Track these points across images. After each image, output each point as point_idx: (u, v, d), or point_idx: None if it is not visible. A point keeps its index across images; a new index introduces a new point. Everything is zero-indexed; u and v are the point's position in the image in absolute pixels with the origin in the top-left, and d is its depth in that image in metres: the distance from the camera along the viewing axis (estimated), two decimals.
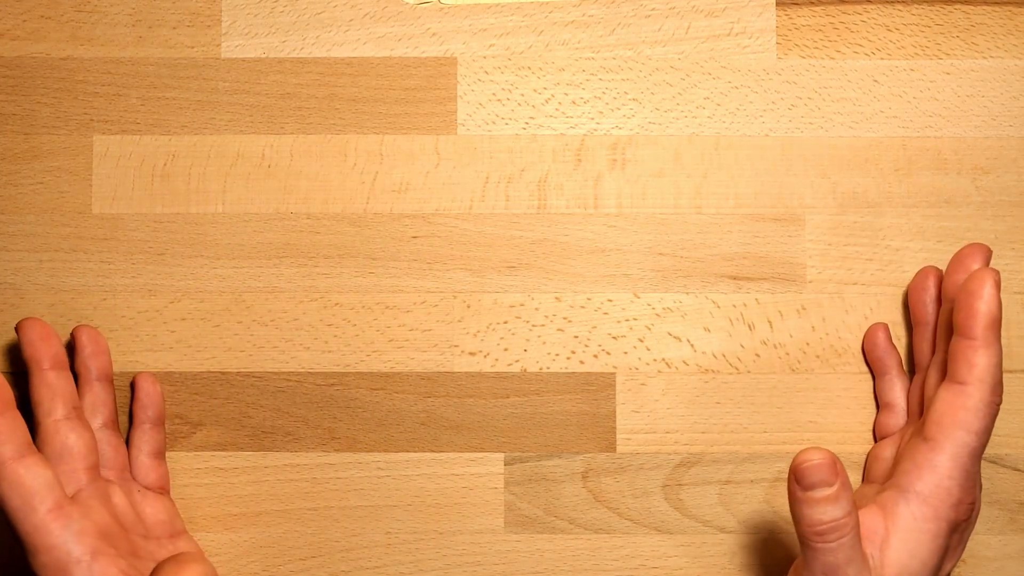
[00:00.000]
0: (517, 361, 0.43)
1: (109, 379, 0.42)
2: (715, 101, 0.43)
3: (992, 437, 0.42)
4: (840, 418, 0.43)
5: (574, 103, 0.44)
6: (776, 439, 0.43)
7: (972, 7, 0.44)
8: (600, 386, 0.43)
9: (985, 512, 0.42)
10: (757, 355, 0.43)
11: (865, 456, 0.42)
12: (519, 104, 0.44)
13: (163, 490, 0.42)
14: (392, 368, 0.43)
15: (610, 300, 0.43)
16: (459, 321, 0.43)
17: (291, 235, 0.43)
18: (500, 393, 0.43)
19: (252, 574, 0.42)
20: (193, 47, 0.44)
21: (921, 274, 0.42)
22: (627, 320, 0.43)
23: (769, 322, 0.43)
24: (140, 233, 0.43)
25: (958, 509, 0.36)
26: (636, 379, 0.43)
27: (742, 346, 0.43)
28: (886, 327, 0.42)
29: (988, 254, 0.40)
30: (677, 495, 0.43)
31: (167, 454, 0.43)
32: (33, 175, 0.43)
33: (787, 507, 0.42)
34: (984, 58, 0.44)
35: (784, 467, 0.43)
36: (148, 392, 0.42)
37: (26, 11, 0.44)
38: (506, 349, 0.43)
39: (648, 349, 0.43)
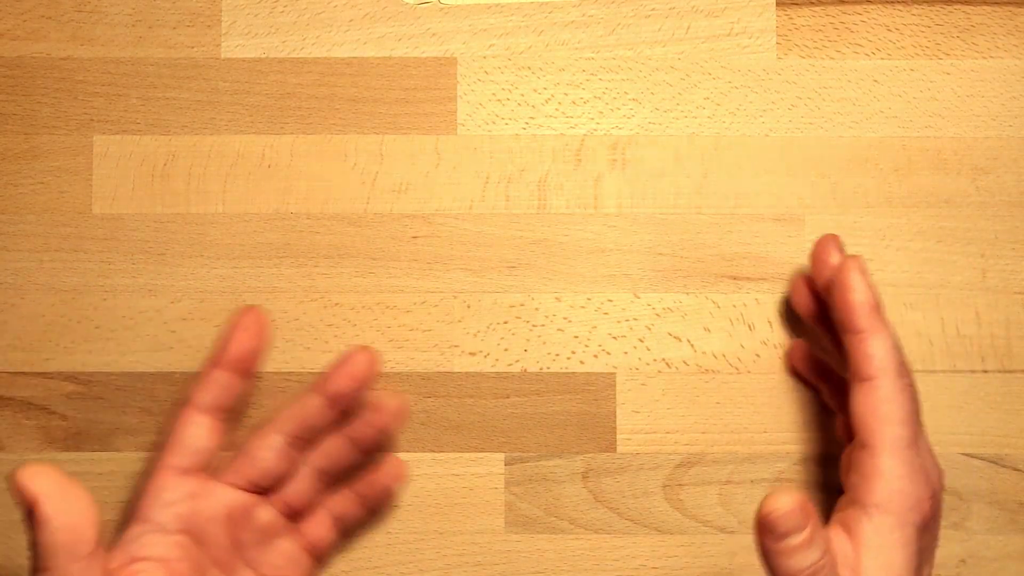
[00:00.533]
0: (517, 361, 0.43)
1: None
2: (715, 101, 0.43)
3: (992, 437, 0.43)
4: None
5: (574, 103, 0.44)
6: (776, 439, 0.43)
7: (972, 7, 0.44)
8: (600, 386, 0.43)
9: (985, 512, 0.42)
10: (757, 355, 0.43)
11: None
12: (519, 104, 0.44)
13: None
14: (392, 368, 0.43)
15: (610, 300, 0.43)
16: (459, 321, 0.43)
17: (291, 235, 0.43)
18: (500, 393, 0.43)
19: None
20: (193, 47, 0.44)
21: (794, 285, 0.41)
22: (627, 320, 0.43)
23: (769, 322, 0.43)
24: (140, 233, 0.43)
25: (920, 508, 0.35)
26: (636, 379, 0.43)
27: (742, 346, 0.43)
28: (803, 344, 0.42)
29: (839, 242, 0.39)
30: (677, 495, 0.43)
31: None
32: (33, 175, 0.43)
33: None
34: (984, 58, 0.44)
35: (785, 467, 0.43)
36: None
37: (26, 11, 0.44)
38: (506, 349, 0.43)
39: (648, 349, 0.43)
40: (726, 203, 0.43)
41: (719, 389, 0.43)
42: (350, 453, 0.40)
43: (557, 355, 0.43)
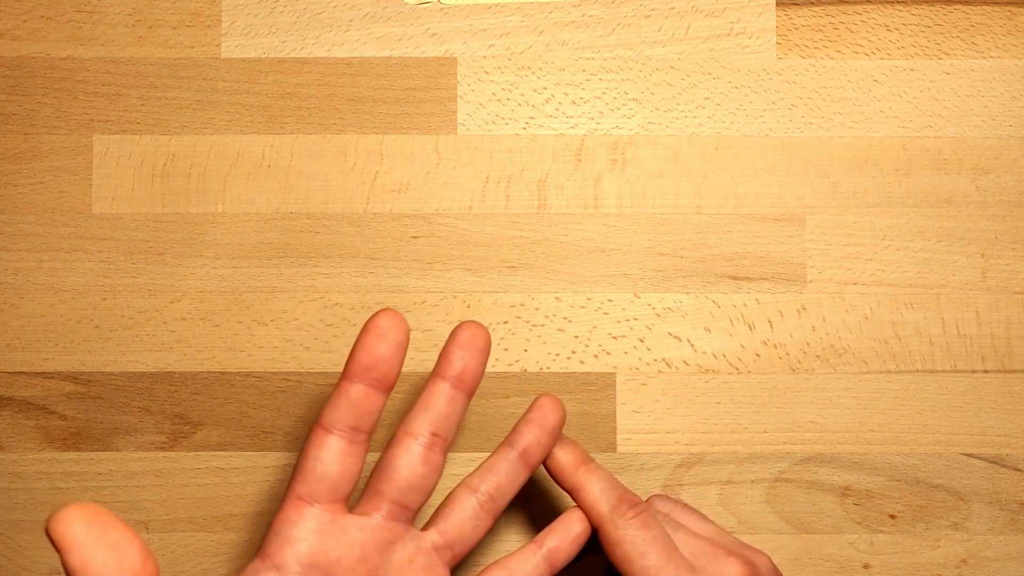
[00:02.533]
0: (517, 361, 0.43)
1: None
2: (715, 101, 0.44)
3: (992, 437, 0.43)
4: (840, 418, 0.43)
5: (574, 103, 0.44)
6: (776, 439, 0.43)
7: (972, 7, 0.44)
8: (600, 386, 0.43)
9: (986, 512, 0.42)
10: (757, 355, 0.43)
11: (862, 457, 0.42)
12: (519, 104, 0.44)
13: None
14: None
15: (610, 300, 0.43)
16: (459, 321, 0.43)
17: (291, 235, 0.43)
18: (500, 393, 0.43)
19: None
20: (193, 47, 0.44)
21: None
22: (627, 320, 0.43)
23: (769, 322, 0.43)
24: (140, 233, 0.43)
25: None
26: (636, 379, 0.43)
27: (742, 346, 0.43)
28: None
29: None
30: (677, 495, 0.43)
31: (166, 454, 0.43)
32: (33, 175, 0.43)
33: (787, 507, 0.42)
34: (984, 58, 0.44)
35: (785, 467, 0.43)
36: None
37: (26, 11, 0.44)
38: (506, 349, 0.43)
39: (648, 349, 0.43)
40: (726, 203, 0.43)
41: (719, 389, 0.43)
42: (520, 470, 0.36)
43: (557, 355, 0.43)
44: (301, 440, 0.43)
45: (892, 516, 0.42)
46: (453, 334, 0.35)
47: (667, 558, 0.36)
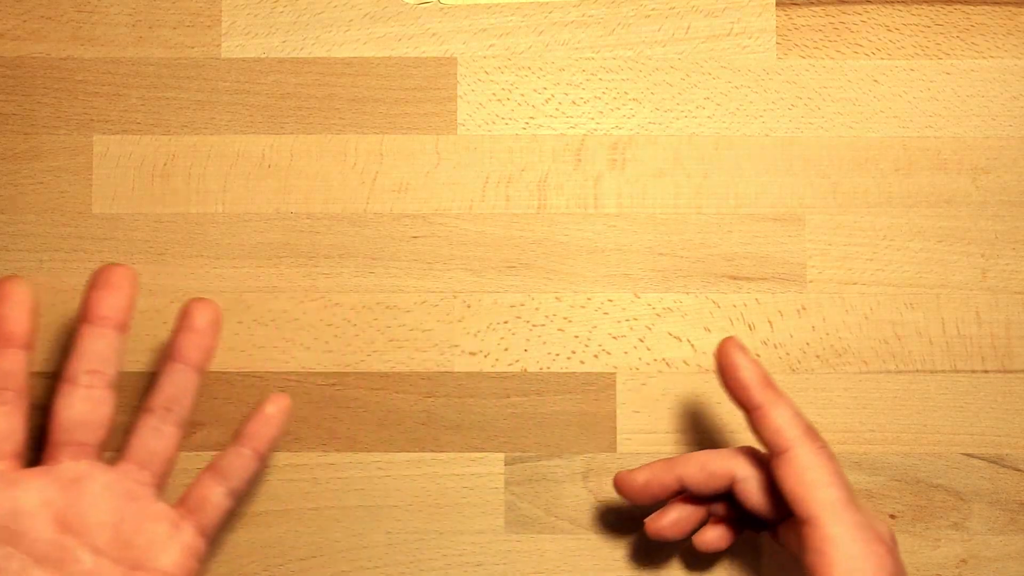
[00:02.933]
0: (517, 361, 0.43)
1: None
2: (715, 101, 0.44)
3: (992, 437, 0.43)
4: (840, 418, 0.43)
5: (574, 103, 0.44)
6: None
7: (972, 7, 0.44)
8: (600, 386, 0.43)
9: (986, 512, 0.42)
10: (757, 355, 0.43)
11: (862, 457, 0.42)
12: (519, 104, 0.44)
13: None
14: (392, 368, 0.43)
15: (610, 300, 0.43)
16: (459, 321, 0.43)
17: (291, 235, 0.43)
18: (500, 393, 0.43)
19: (252, 574, 0.42)
20: (193, 47, 0.44)
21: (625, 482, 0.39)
22: (627, 320, 0.43)
23: (769, 322, 0.43)
24: (140, 233, 0.43)
25: (884, 566, 0.34)
26: (636, 379, 0.43)
27: None
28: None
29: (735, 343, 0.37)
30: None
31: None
32: (33, 175, 0.43)
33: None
34: (984, 58, 0.44)
35: None
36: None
37: (26, 11, 0.44)
38: (506, 349, 0.43)
39: (648, 349, 0.43)
40: (726, 203, 0.43)
41: (719, 389, 0.43)
42: (188, 377, 0.37)
43: (557, 355, 0.43)
44: (301, 440, 0.43)
45: (892, 516, 0.42)
46: (91, 279, 0.37)
47: (848, 492, 0.35)
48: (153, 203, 0.43)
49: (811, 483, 0.35)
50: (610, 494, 0.43)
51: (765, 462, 0.38)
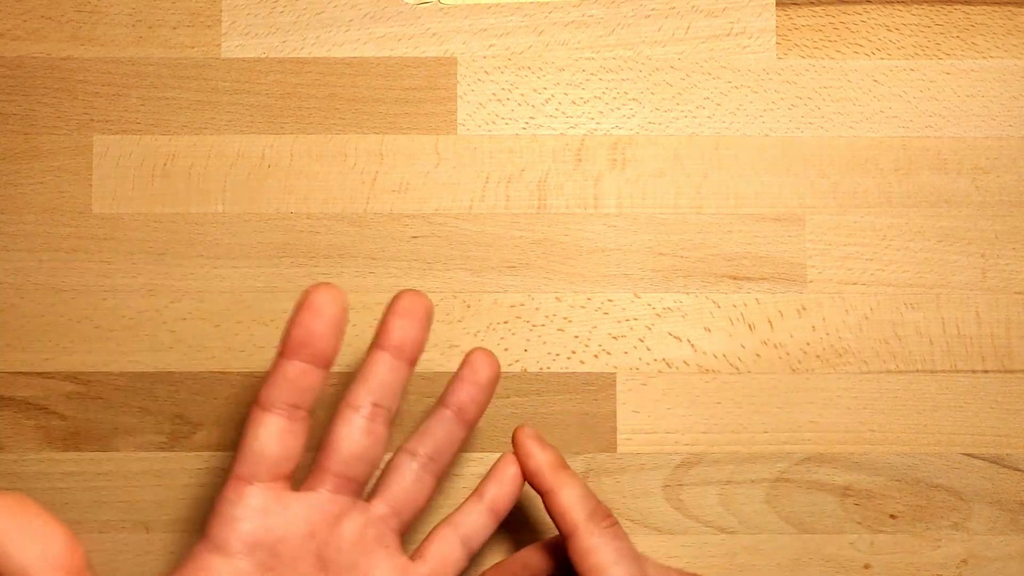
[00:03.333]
0: (517, 361, 0.43)
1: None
2: (715, 101, 0.44)
3: (993, 437, 0.43)
4: (840, 418, 0.43)
5: (574, 103, 0.44)
6: (776, 439, 0.43)
7: (972, 7, 0.44)
8: (600, 386, 0.43)
9: (986, 512, 0.42)
10: (757, 355, 0.43)
11: (862, 457, 0.42)
12: (519, 104, 0.44)
13: None
14: None
15: (610, 300, 0.43)
16: (459, 321, 0.43)
17: (291, 235, 0.43)
18: (500, 393, 0.43)
19: None
20: (193, 47, 0.44)
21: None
22: (627, 320, 0.43)
23: (769, 322, 0.43)
24: (140, 233, 0.43)
25: None
26: (636, 379, 0.43)
27: (742, 346, 0.43)
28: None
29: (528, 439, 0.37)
30: (677, 495, 0.42)
31: (166, 454, 0.43)
32: (33, 175, 0.43)
33: (787, 507, 0.42)
34: (984, 58, 0.44)
35: (785, 467, 0.43)
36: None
37: (26, 11, 0.44)
38: (506, 349, 0.43)
39: (648, 349, 0.43)
40: (726, 203, 0.43)
41: (719, 389, 0.43)
42: (457, 429, 0.36)
43: (557, 355, 0.43)
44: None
45: (892, 516, 0.42)
46: (391, 303, 0.34)
47: (639, 571, 0.35)
48: (153, 203, 0.43)
49: (595, 567, 0.35)
50: (610, 494, 0.43)
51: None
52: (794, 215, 0.43)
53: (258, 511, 0.32)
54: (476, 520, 0.37)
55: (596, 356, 0.43)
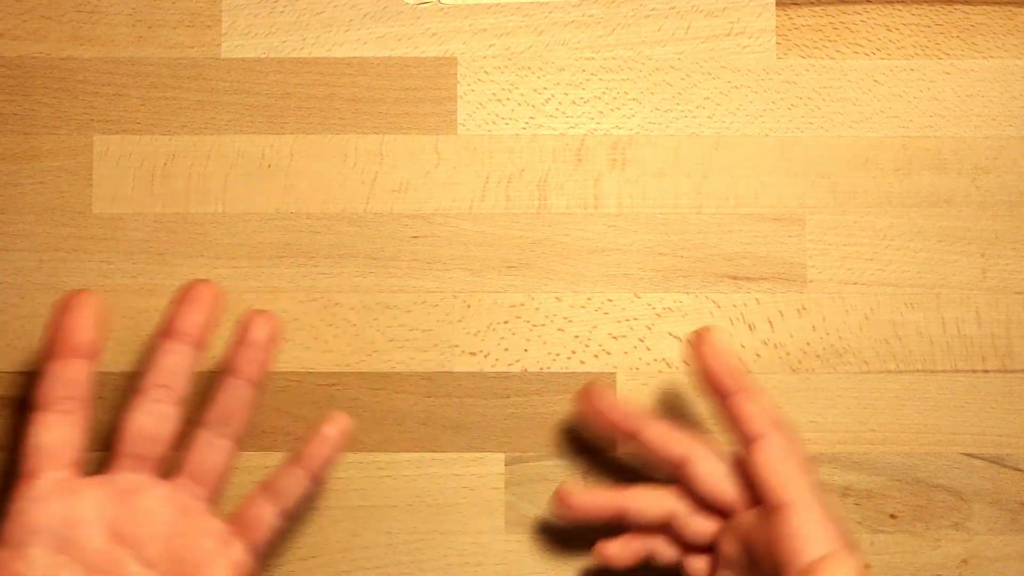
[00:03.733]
0: (517, 361, 0.43)
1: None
2: (715, 101, 0.44)
3: (992, 437, 0.43)
4: (840, 418, 0.43)
5: (574, 103, 0.44)
6: None
7: (972, 7, 0.44)
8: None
9: (986, 512, 0.42)
10: (757, 355, 0.43)
11: (862, 457, 0.42)
12: (519, 104, 0.44)
13: None
14: (392, 368, 0.43)
15: (610, 300, 0.43)
16: (459, 321, 0.43)
17: (291, 235, 0.43)
18: (500, 393, 0.43)
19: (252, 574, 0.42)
20: (193, 47, 0.44)
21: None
22: (627, 320, 0.43)
23: (769, 322, 0.43)
24: (140, 233, 0.43)
25: (856, 548, 0.35)
26: (636, 379, 0.43)
27: (742, 346, 0.43)
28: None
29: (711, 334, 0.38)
30: None
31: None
32: (33, 175, 0.43)
33: None
34: (984, 58, 0.44)
35: None
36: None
37: (26, 11, 0.44)
38: (506, 349, 0.43)
39: (648, 349, 0.43)
40: (726, 203, 0.43)
41: None
42: (244, 391, 0.38)
43: (557, 355, 0.43)
44: (302, 440, 0.43)
45: (892, 516, 0.42)
46: (176, 294, 0.38)
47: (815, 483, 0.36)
48: (153, 203, 0.43)
49: (787, 470, 0.36)
50: None
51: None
52: (794, 215, 0.43)
53: (42, 500, 0.34)
54: (289, 480, 0.38)
55: (596, 356, 0.43)
